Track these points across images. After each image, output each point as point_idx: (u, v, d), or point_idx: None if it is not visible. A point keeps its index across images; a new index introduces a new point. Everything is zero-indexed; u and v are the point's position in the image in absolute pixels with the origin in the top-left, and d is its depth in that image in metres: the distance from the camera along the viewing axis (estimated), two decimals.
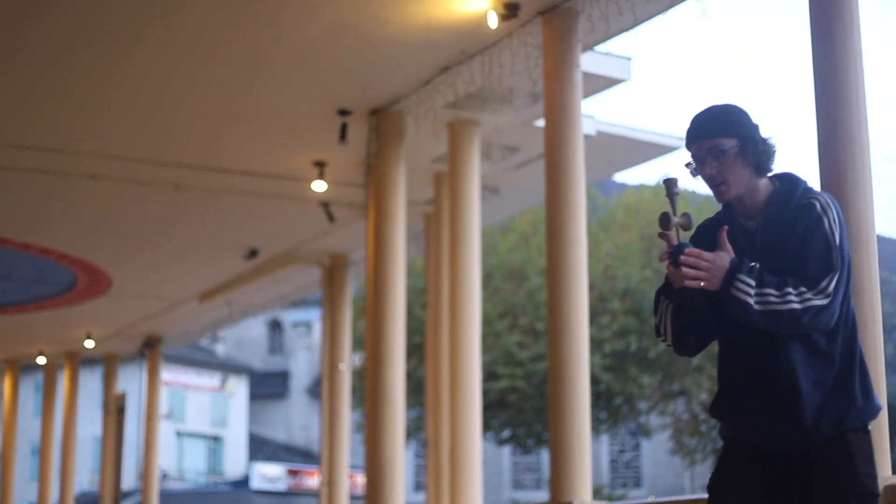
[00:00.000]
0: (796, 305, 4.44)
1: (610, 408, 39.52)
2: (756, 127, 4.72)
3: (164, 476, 50.35)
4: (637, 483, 57.31)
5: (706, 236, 4.79)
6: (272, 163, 15.65)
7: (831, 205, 4.63)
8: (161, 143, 15.07)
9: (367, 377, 13.97)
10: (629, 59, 13.79)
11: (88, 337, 26.11)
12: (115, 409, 27.95)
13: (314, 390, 59.06)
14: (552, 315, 10.81)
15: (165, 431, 43.52)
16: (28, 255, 20.04)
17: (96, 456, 40.92)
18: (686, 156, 4.81)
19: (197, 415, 57.70)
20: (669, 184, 4.64)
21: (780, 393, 4.60)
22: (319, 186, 15.58)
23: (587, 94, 13.18)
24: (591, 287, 32.71)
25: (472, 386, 13.95)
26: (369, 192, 14.38)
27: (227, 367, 59.37)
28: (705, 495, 4.88)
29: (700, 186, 4.97)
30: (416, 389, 30.64)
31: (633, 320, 37.54)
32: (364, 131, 14.13)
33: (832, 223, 4.58)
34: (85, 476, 48.19)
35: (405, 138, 14.04)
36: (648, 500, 9.71)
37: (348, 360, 19.34)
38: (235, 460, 58.63)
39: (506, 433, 40.67)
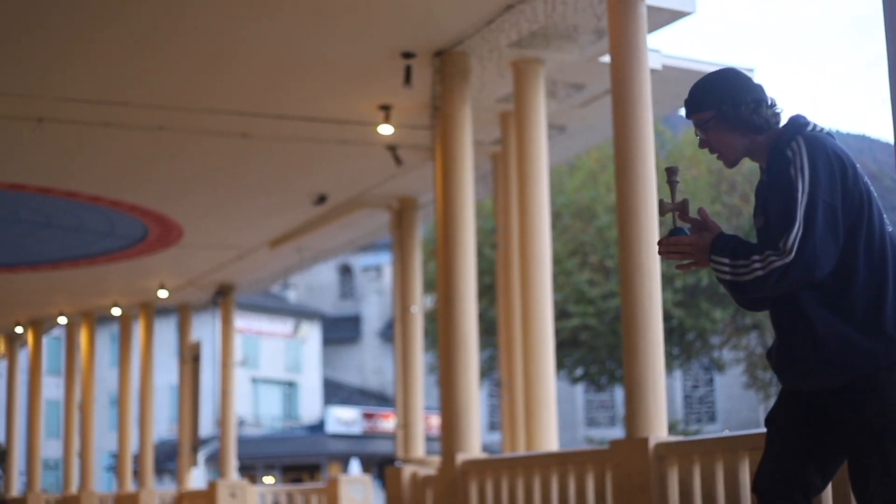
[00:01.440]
0: (759, 272, 4.49)
1: (683, 343, 39.44)
2: (735, 91, 4.76)
3: (241, 422, 50.92)
4: (711, 418, 57.22)
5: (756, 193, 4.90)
6: (338, 108, 15.65)
7: (801, 148, 4.59)
8: (226, 92, 15.12)
9: (438, 319, 14.00)
10: None
11: (162, 287, 26.34)
12: (190, 358, 28.21)
13: (386, 333, 59.39)
14: (623, 252, 10.77)
15: (240, 378, 43.96)
16: (99, 207, 20.21)
17: (173, 404, 41.39)
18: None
19: (271, 361, 58.19)
20: (670, 172, 4.75)
21: (802, 341, 4.64)
22: (386, 130, 15.57)
23: (652, 29, 13.04)
24: (661, 223, 32.57)
25: (544, 325, 13.95)
26: (436, 134, 14.36)
27: (300, 313, 59.78)
28: None
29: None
30: (488, 330, 30.68)
31: None
32: (429, 73, 14.09)
33: (798, 170, 4.54)
34: (163, 424, 48.82)
35: (470, 79, 13.99)
36: (724, 433, 9.64)
37: (420, 303, 19.38)
38: (310, 405, 59.13)
39: (579, 371, 40.68)
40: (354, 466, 46.01)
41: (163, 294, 26.70)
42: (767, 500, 4.80)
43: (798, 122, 4.74)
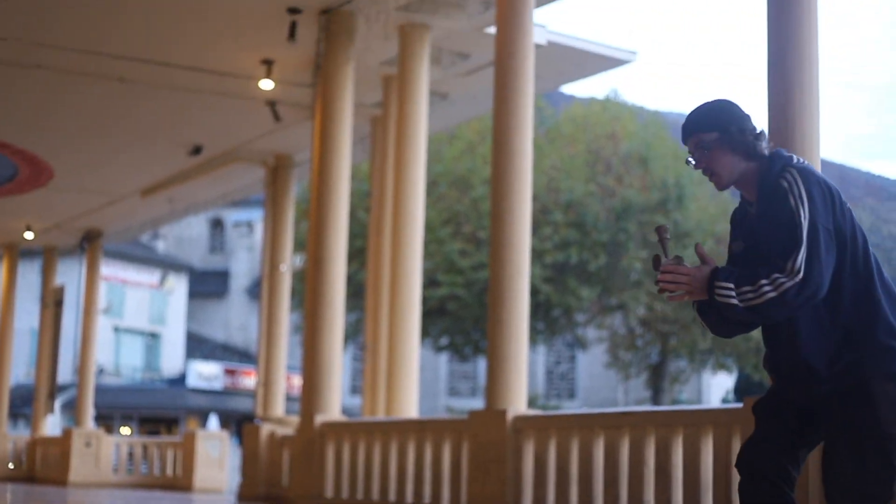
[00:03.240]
0: (772, 294, 4.74)
1: (548, 319, 39.77)
2: (740, 118, 5.02)
3: (101, 371, 50.29)
4: (571, 395, 57.84)
5: (736, 215, 5.17)
6: (219, 59, 15.48)
7: (797, 179, 4.86)
8: (106, 34, 14.86)
9: (307, 279, 13.95)
10: None
11: (28, 229, 25.89)
12: (52, 303, 27.78)
13: (254, 291, 59.05)
14: (494, 224, 10.81)
15: (103, 326, 43.32)
16: None
17: (33, 349, 40.73)
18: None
19: (135, 311, 57.55)
20: (661, 230, 4.93)
21: (794, 356, 4.94)
22: (266, 85, 15.45)
23: (539, 4, 13.09)
24: (535, 198, 32.72)
25: (412, 292, 13.97)
26: (317, 92, 14.28)
27: (167, 265, 59.18)
28: (638, 408, 5.10)
29: None
30: (357, 293, 30.67)
31: (575, 233, 37.69)
32: (314, 31, 13.99)
33: (797, 199, 4.82)
34: (21, 368, 48.03)
35: (355, 40, 13.93)
36: (582, 410, 9.78)
37: (289, 262, 19.28)
38: (172, 358, 58.63)
39: (444, 340, 40.86)
40: (213, 422, 45.78)
41: (29, 236, 26.25)
42: (756, 478, 5.03)
43: (783, 155, 5.01)
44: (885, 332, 4.87)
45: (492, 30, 13.10)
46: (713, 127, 5.01)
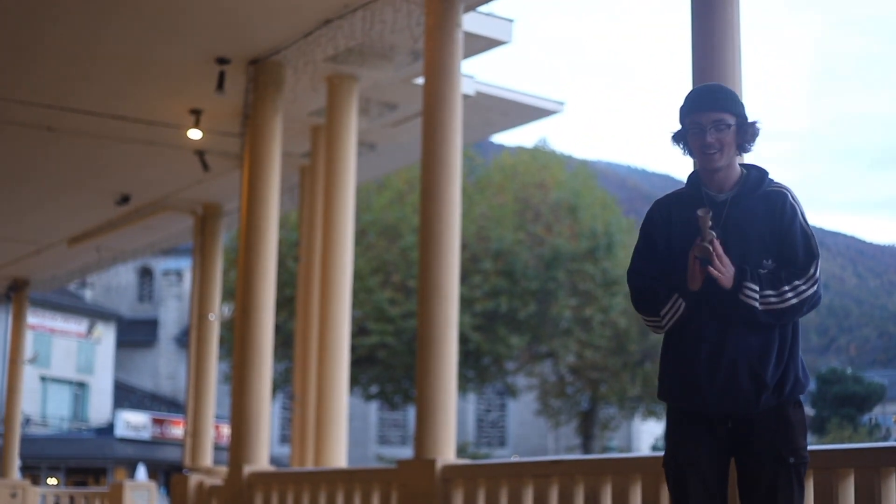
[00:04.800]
0: (794, 301, 5.11)
1: (478, 367, 39.81)
2: (745, 109, 5.33)
3: (27, 421, 49.75)
4: (502, 443, 57.84)
5: (675, 211, 5.40)
6: (147, 109, 15.45)
7: (798, 202, 5.27)
8: (32, 83, 14.79)
9: (235, 328, 13.90)
10: (511, 20, 13.82)
11: None
12: None
13: (183, 339, 58.70)
14: (423, 273, 10.84)
15: (30, 376, 42.94)
16: None
17: None
18: (675, 126, 5.39)
19: (63, 360, 57.01)
20: (704, 216, 5.16)
21: (730, 369, 5.17)
22: (195, 134, 15.43)
23: (468, 55, 13.18)
24: (464, 247, 32.82)
25: (340, 341, 13.95)
26: (245, 142, 14.28)
27: (95, 313, 58.71)
28: (567, 456, 5.18)
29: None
30: (286, 342, 30.58)
31: (505, 281, 37.80)
32: (242, 81, 14.01)
33: (803, 214, 5.24)
34: None
35: (283, 90, 13.95)
36: (512, 459, 9.78)
37: (218, 311, 19.22)
38: (100, 407, 58.10)
39: (374, 389, 40.78)
40: (141, 472, 45.31)
41: None
42: None
43: (767, 172, 5.34)
44: (802, 362, 5.27)
45: (420, 80, 13.17)
46: (735, 112, 5.27)
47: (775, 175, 5.38)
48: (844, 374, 69.56)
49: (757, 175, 5.31)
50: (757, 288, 5.07)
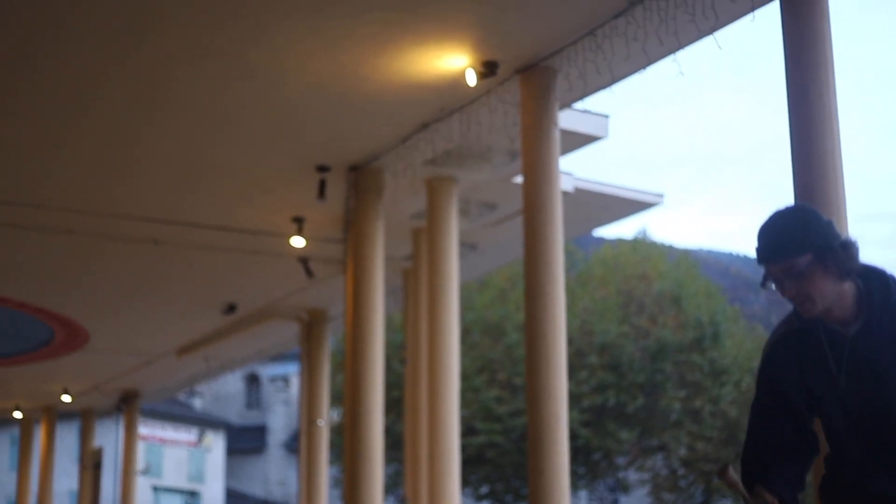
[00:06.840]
0: None
1: (588, 463, 39.42)
2: (829, 229, 4.32)
3: None
4: None
5: (797, 347, 4.49)
6: (250, 218, 15.65)
7: None
8: (137, 197, 15.05)
9: (345, 432, 13.93)
10: (607, 116, 13.87)
11: (65, 391, 25.99)
12: (91, 464, 27.79)
13: (292, 445, 58.80)
14: (530, 371, 10.81)
15: (142, 486, 43.21)
16: (4, 308, 19.96)
17: None
18: (761, 271, 4.43)
19: (174, 470, 57.30)
20: (725, 476, 4.63)
21: None
22: (298, 242, 15.59)
23: (565, 151, 13.24)
24: (569, 342, 32.69)
25: (450, 441, 13.92)
26: (348, 247, 14.39)
27: (205, 422, 59.03)
28: None
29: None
30: (395, 445, 30.51)
31: (611, 375, 37.54)
32: (343, 187, 14.15)
33: None
34: None
35: (384, 194, 14.07)
36: None
37: (326, 416, 19.29)
38: None
39: (484, 489, 40.49)
40: None
41: (66, 398, 26.35)
42: None
43: (879, 272, 4.42)
44: None
45: (518, 179, 13.22)
46: (807, 248, 4.24)
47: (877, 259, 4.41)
48: None
49: (881, 291, 4.34)
50: None
